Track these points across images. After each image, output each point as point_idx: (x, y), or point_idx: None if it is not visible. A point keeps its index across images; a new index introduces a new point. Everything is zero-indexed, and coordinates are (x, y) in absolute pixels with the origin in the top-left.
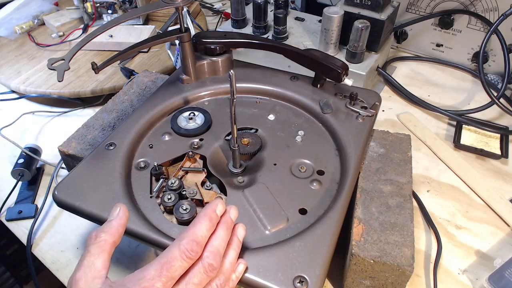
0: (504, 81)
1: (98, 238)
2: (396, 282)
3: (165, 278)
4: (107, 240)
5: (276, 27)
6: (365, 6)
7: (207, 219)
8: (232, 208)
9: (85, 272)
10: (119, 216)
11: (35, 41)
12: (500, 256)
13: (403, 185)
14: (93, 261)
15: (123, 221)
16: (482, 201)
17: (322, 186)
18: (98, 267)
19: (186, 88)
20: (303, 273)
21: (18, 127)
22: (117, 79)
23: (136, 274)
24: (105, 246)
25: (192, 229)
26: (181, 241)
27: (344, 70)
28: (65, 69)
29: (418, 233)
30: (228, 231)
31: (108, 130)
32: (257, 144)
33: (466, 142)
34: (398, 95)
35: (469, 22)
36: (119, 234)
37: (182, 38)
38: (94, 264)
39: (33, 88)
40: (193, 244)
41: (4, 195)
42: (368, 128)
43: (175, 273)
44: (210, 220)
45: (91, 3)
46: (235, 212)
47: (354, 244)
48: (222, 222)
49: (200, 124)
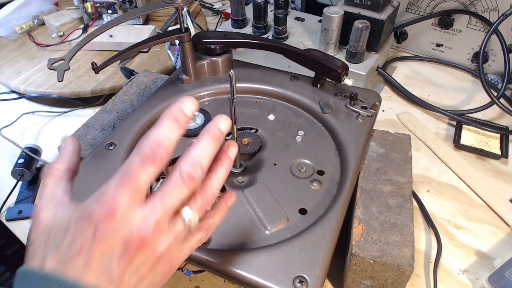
0: (504, 81)
1: (50, 170)
2: (396, 282)
3: (128, 189)
4: (59, 168)
5: (276, 27)
6: (365, 6)
7: (171, 119)
8: (222, 116)
9: (47, 203)
10: (67, 144)
11: (35, 41)
12: (500, 256)
13: (403, 185)
14: (52, 191)
15: (72, 147)
16: (482, 201)
17: (322, 186)
18: (58, 195)
19: (186, 88)
20: (303, 273)
21: (18, 127)
22: (117, 79)
23: (97, 191)
24: (59, 174)
25: (153, 131)
26: (140, 145)
27: (344, 70)
28: (65, 69)
29: (418, 233)
30: (214, 143)
31: (108, 130)
32: (257, 144)
33: (466, 142)
34: (398, 95)
35: (469, 22)
36: (73, 160)
37: (182, 38)
38: (54, 194)
39: (33, 88)
40: (153, 146)
41: (4, 195)
42: (368, 128)
43: (139, 182)
44: (175, 120)
45: (91, 3)
46: (225, 122)
47: (354, 244)
48: (205, 131)
49: (200, 124)
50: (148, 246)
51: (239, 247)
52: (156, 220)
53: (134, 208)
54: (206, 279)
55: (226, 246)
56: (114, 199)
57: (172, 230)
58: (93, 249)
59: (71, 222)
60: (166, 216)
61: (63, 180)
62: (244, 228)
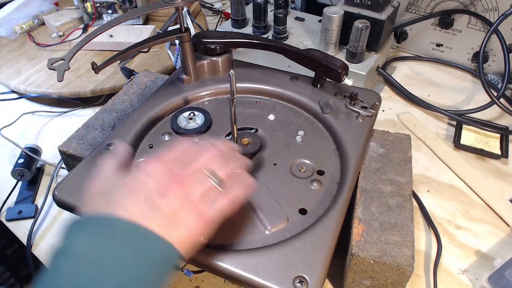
0: (504, 81)
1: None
2: (396, 282)
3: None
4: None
5: (276, 27)
6: (365, 6)
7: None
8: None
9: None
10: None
11: (35, 41)
12: (500, 256)
13: (403, 185)
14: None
15: (125, 146)
16: (482, 201)
17: (322, 186)
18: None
19: (186, 88)
20: (303, 273)
21: (18, 127)
22: (117, 79)
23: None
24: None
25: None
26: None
27: (344, 70)
28: (65, 69)
29: (418, 233)
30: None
31: (108, 130)
32: (257, 144)
33: (466, 142)
34: (398, 95)
35: (469, 22)
36: (125, 150)
37: (182, 38)
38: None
39: (33, 88)
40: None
41: (4, 195)
42: (368, 128)
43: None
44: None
45: (91, 3)
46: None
47: (354, 244)
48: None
49: (200, 124)
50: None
51: (239, 247)
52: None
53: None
54: (206, 279)
55: (226, 246)
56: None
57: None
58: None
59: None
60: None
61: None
62: (244, 228)
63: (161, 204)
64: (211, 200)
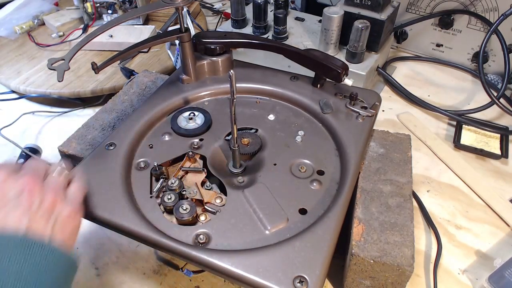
0: (504, 81)
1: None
2: (396, 282)
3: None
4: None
5: (276, 27)
6: (365, 6)
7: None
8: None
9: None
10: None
11: (35, 41)
12: (500, 256)
13: (403, 185)
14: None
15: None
16: (482, 201)
17: (322, 186)
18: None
19: (186, 88)
20: (303, 273)
21: (18, 127)
22: (117, 79)
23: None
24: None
25: None
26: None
27: (344, 70)
28: (65, 69)
29: (418, 233)
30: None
31: (108, 130)
32: (257, 144)
33: (466, 142)
34: (398, 95)
35: (469, 22)
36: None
37: (182, 38)
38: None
39: (33, 88)
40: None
41: None
42: (368, 128)
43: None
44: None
45: (91, 3)
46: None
47: (354, 244)
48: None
49: (200, 124)
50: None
51: (239, 247)
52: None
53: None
54: (206, 279)
55: (226, 246)
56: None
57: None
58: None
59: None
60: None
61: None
62: (244, 228)
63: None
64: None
